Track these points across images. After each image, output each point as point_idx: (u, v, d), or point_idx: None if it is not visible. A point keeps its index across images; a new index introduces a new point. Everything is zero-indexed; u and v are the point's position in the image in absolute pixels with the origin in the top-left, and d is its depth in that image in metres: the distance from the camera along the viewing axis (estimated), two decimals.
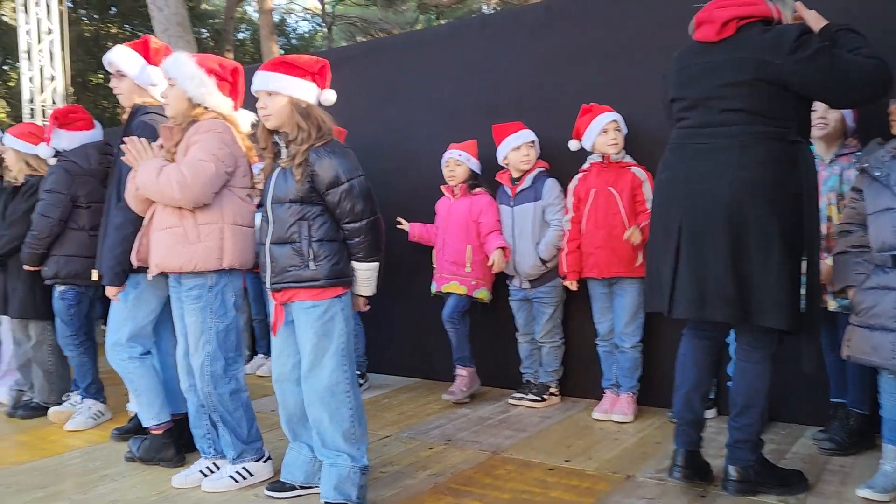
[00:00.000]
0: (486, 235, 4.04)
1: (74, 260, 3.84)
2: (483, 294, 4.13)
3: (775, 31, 2.47)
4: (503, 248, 3.96)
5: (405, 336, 4.85)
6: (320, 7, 24.42)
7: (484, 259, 4.04)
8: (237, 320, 2.91)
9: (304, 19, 27.41)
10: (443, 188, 4.27)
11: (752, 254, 2.44)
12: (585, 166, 3.80)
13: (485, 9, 21.41)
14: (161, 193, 2.73)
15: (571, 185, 3.82)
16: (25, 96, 10.07)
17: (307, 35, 26.67)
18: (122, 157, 2.91)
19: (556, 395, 4.06)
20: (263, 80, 2.61)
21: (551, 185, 3.94)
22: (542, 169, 3.99)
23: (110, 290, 3.11)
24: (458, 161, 4.16)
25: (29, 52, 9.99)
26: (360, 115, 4.92)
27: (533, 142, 3.97)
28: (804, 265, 2.50)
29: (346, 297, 2.65)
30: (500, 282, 4.21)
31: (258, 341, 5.30)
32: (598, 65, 4.04)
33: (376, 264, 2.67)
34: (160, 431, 3.21)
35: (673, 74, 2.70)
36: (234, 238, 2.81)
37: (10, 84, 19.64)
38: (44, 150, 3.97)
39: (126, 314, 3.17)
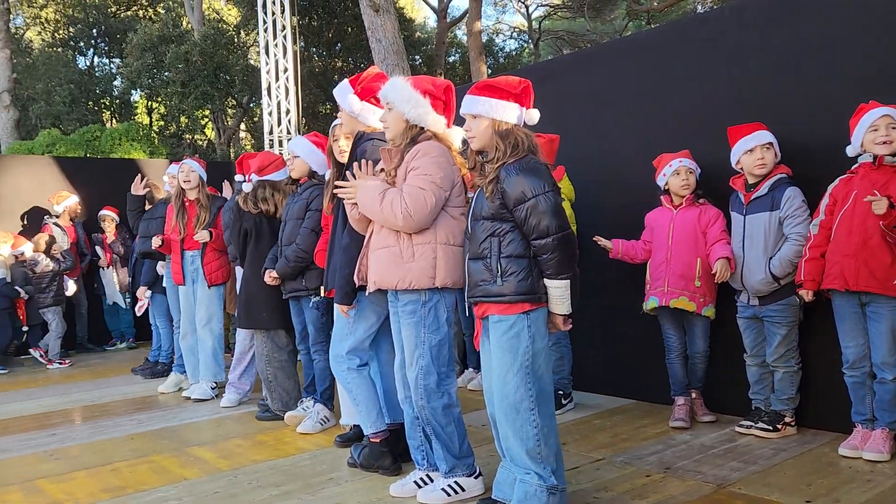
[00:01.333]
0: (712, 245, 3.80)
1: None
2: (710, 311, 3.91)
3: None
4: (728, 259, 3.67)
5: (616, 354, 4.65)
6: (526, 24, 24.73)
7: (711, 274, 3.79)
8: (449, 335, 2.95)
9: (511, 37, 27.93)
10: (663, 198, 4.07)
11: None
12: (854, 167, 3.35)
13: (699, 9, 20.33)
14: (384, 219, 2.86)
15: (830, 187, 3.40)
16: (266, 129, 11.26)
17: (514, 53, 27.14)
18: (338, 184, 3.05)
19: (791, 426, 3.65)
20: (469, 104, 2.69)
21: (792, 193, 3.54)
22: (784, 175, 3.61)
23: (341, 308, 3.30)
24: (690, 169, 3.95)
25: (269, 89, 11.16)
26: (571, 126, 4.85)
27: (770, 144, 3.61)
28: None
29: (534, 314, 2.60)
30: (726, 296, 3.89)
31: (469, 355, 5.39)
32: (848, 59, 3.58)
33: (567, 282, 2.58)
34: (378, 440, 3.35)
35: None
36: (446, 257, 2.86)
37: (255, 119, 22.16)
38: (246, 186, 4.46)
39: (348, 329, 3.34)
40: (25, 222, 8.05)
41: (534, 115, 2.71)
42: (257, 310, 4.41)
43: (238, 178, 4.86)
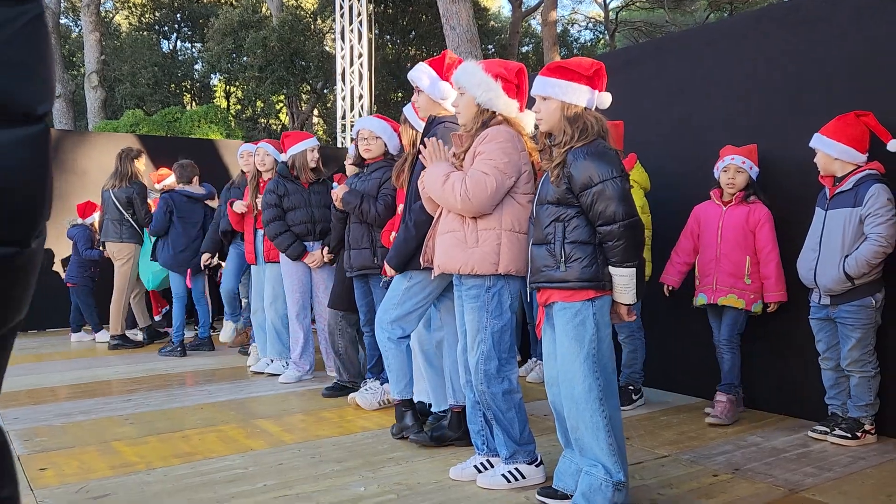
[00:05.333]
0: (768, 256, 3.84)
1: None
2: (759, 307, 3.89)
3: None
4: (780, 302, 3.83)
5: (686, 351, 4.52)
6: (603, 14, 24.28)
7: (759, 272, 3.86)
8: (512, 322, 2.93)
9: (586, 28, 27.47)
10: (712, 193, 4.03)
11: None
12: None
13: None
14: (445, 201, 2.86)
15: None
16: (338, 114, 11.41)
17: (589, 44, 26.70)
18: (420, 157, 3.10)
19: (871, 434, 3.47)
20: (539, 86, 2.65)
21: (877, 191, 3.34)
22: (874, 171, 3.42)
23: (388, 271, 3.43)
24: (739, 168, 3.88)
25: (343, 75, 11.30)
26: (649, 115, 4.73)
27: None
28: None
29: (599, 301, 2.56)
30: (799, 295, 3.74)
31: (532, 345, 5.34)
32: None
33: (633, 270, 2.53)
34: (399, 403, 3.59)
35: None
36: (510, 244, 2.83)
37: (328, 105, 22.52)
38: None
39: (396, 301, 3.43)
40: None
41: (605, 99, 2.64)
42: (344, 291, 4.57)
43: (281, 156, 5.01)
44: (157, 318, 7.73)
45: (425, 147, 3.02)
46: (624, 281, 2.55)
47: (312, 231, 4.99)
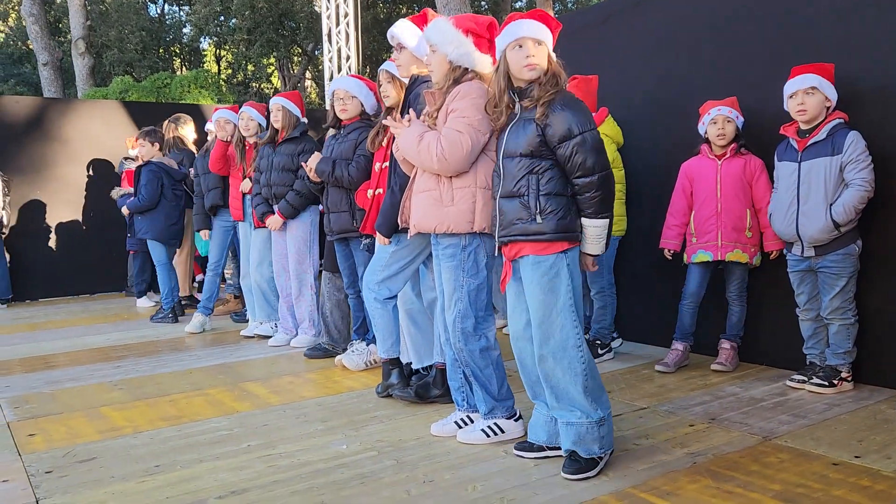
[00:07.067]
0: (764, 205, 3.81)
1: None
2: (758, 260, 3.93)
3: None
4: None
5: (665, 305, 4.55)
6: None
7: (758, 224, 3.86)
8: (488, 280, 2.95)
9: None
10: (703, 147, 4.00)
11: None
12: None
13: None
14: (421, 162, 2.85)
15: None
16: (326, 75, 11.28)
17: None
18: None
19: (848, 381, 3.52)
20: (535, 29, 2.58)
21: (854, 138, 3.36)
22: (841, 120, 3.42)
23: (380, 239, 3.41)
24: (728, 118, 3.84)
25: (329, 35, 11.14)
26: (632, 69, 4.68)
27: (812, 88, 3.42)
28: None
29: (572, 252, 2.61)
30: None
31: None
32: None
33: (606, 221, 2.59)
34: (386, 361, 3.65)
35: None
36: (485, 201, 2.83)
37: (320, 67, 22.24)
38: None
39: (384, 263, 3.45)
40: (91, 172, 8.38)
41: None
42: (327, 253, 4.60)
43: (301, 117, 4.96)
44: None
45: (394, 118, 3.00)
46: (597, 232, 2.58)
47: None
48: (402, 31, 3.38)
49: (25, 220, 8.03)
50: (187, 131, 6.86)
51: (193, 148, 6.87)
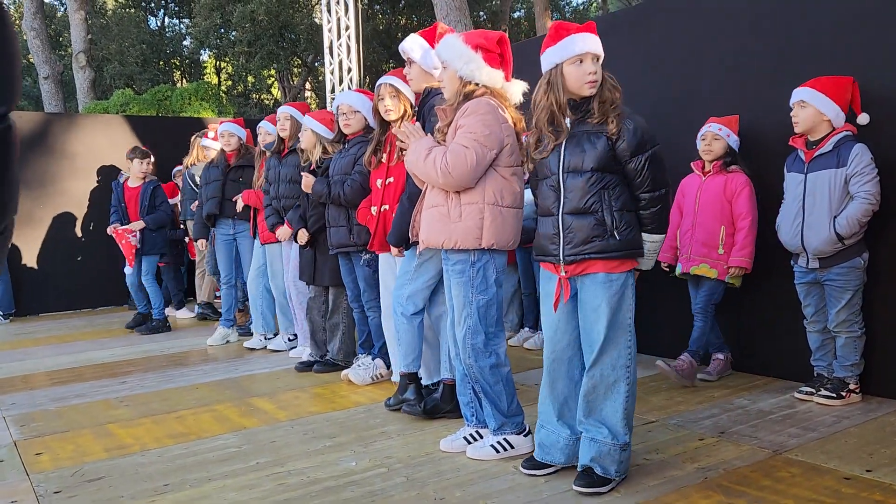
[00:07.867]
0: (740, 223, 3.81)
1: None
2: (737, 280, 3.89)
3: None
4: (744, 268, 3.81)
5: (676, 317, 4.55)
6: None
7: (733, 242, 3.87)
8: (498, 296, 2.94)
9: None
10: (693, 165, 4.04)
11: None
12: None
13: None
14: (427, 176, 2.86)
15: None
16: (328, 87, 11.30)
17: (581, 7, 26.37)
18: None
19: (856, 393, 3.51)
20: (598, 44, 2.58)
21: (860, 150, 3.36)
22: (848, 133, 3.43)
23: (393, 249, 3.44)
24: (715, 136, 3.88)
25: (331, 48, 11.17)
26: (635, 83, 4.68)
27: (803, 102, 3.44)
28: None
29: (633, 270, 2.62)
30: (783, 259, 3.75)
31: (526, 315, 5.37)
32: None
33: (663, 236, 2.60)
34: (405, 373, 3.62)
35: None
36: (493, 218, 2.83)
37: (320, 78, 22.30)
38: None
39: (409, 277, 3.47)
40: (99, 179, 8.38)
41: None
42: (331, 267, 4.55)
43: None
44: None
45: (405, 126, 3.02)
46: (655, 248, 2.60)
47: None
48: (412, 46, 3.40)
49: (28, 235, 8.03)
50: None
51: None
